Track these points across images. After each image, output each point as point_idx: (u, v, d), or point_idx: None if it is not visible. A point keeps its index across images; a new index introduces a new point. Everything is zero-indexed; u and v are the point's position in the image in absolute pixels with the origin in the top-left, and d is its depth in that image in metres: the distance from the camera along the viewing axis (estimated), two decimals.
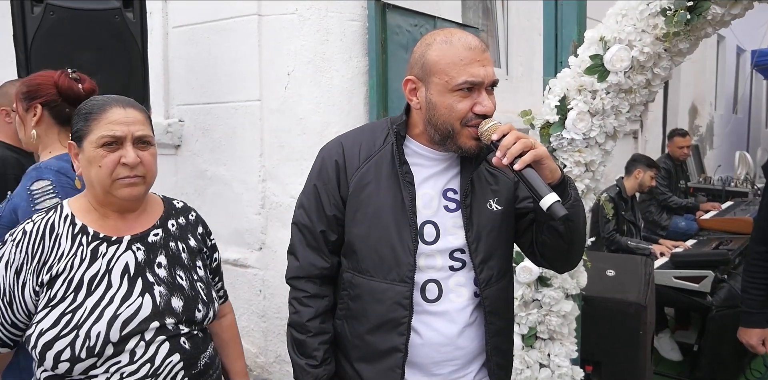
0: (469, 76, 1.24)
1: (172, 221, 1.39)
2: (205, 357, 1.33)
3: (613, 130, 1.99)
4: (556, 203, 1.14)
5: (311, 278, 1.41)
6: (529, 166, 1.17)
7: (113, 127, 1.23)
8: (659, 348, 3.81)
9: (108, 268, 1.25)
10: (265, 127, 3.04)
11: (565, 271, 1.52)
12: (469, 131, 1.27)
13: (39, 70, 2.51)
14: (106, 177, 1.23)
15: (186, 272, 1.34)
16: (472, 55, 1.25)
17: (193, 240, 1.40)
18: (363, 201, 1.34)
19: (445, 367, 1.36)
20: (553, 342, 2.14)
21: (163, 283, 1.29)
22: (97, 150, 1.23)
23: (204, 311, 1.32)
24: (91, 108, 1.27)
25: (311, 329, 1.39)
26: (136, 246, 1.29)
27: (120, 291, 1.24)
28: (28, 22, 2.47)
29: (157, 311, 1.25)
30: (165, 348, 1.24)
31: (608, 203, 2.30)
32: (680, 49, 1.85)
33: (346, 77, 2.92)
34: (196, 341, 1.30)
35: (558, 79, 2.02)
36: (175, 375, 1.25)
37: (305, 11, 2.88)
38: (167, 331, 1.25)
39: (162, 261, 1.31)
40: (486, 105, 1.25)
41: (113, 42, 2.61)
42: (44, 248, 1.23)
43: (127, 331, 1.20)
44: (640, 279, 2.72)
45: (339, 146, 1.41)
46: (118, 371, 1.19)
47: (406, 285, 1.31)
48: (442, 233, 1.34)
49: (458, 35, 1.28)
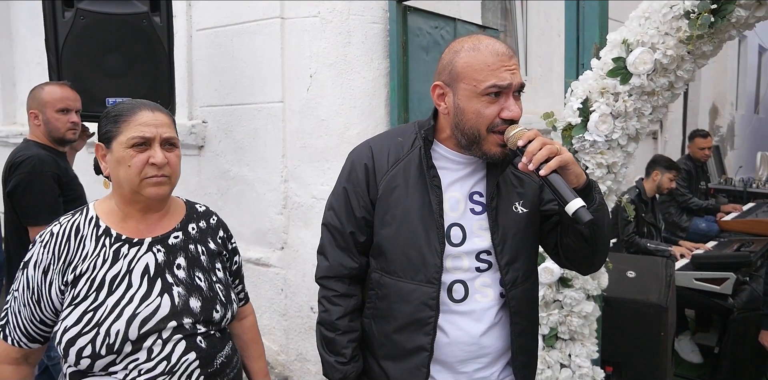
0: (497, 80, 1.26)
1: (193, 224, 1.43)
2: (222, 357, 1.35)
3: (635, 132, 2.00)
4: (582, 208, 1.16)
5: (340, 278, 1.45)
6: (555, 171, 1.19)
7: (143, 129, 1.28)
8: (679, 350, 3.79)
9: (129, 269, 1.29)
10: (288, 129, 3.08)
11: (588, 273, 1.54)
12: (495, 138, 1.29)
13: (69, 72, 2.59)
14: (134, 176, 1.28)
15: (205, 274, 1.37)
16: (500, 60, 1.27)
17: (213, 244, 1.44)
18: (391, 203, 1.38)
19: (471, 365, 1.38)
20: (574, 343, 2.15)
21: (182, 284, 1.32)
22: (126, 150, 1.27)
23: (222, 312, 1.35)
24: (121, 110, 1.31)
25: (340, 327, 1.43)
26: (156, 248, 1.33)
27: (140, 291, 1.28)
28: (60, 26, 2.54)
29: (175, 311, 1.28)
30: (181, 346, 1.27)
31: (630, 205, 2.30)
32: (704, 52, 1.86)
33: (368, 79, 2.96)
34: (213, 340, 1.33)
35: (580, 82, 2.03)
36: (191, 373, 1.28)
37: (327, 14, 2.92)
38: (184, 330, 1.28)
39: (181, 263, 1.35)
40: (513, 110, 1.27)
41: (140, 45, 2.67)
42: (69, 249, 1.28)
43: (145, 330, 1.24)
44: (660, 280, 2.72)
45: (368, 150, 1.44)
46: (136, 368, 1.23)
47: (433, 286, 1.34)
48: (468, 235, 1.37)
49: (486, 42, 1.30)
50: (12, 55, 5.74)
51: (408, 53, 3.02)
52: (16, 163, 2.29)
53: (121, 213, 1.34)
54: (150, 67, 2.72)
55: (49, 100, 2.38)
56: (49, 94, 2.38)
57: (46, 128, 2.39)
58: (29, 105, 2.42)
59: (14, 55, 5.73)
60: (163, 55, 2.73)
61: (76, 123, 2.43)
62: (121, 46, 2.64)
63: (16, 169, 2.28)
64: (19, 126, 5.65)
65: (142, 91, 2.70)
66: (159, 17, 2.68)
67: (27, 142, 2.41)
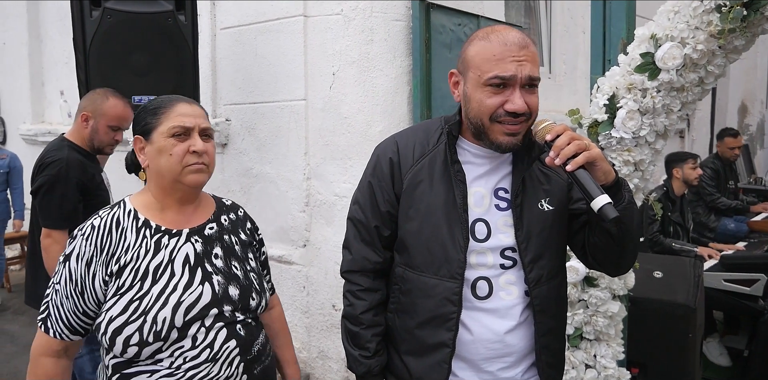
0: (500, 71, 1.23)
1: (224, 216, 1.47)
2: (258, 344, 1.39)
3: (663, 128, 1.96)
4: (608, 205, 1.14)
5: (365, 272, 1.45)
6: (582, 167, 1.17)
7: (183, 119, 1.33)
8: (707, 352, 3.71)
9: (171, 258, 1.33)
10: (310, 126, 3.09)
11: (616, 275, 1.50)
12: (500, 127, 1.27)
13: (97, 70, 2.63)
14: (176, 164, 1.32)
15: (240, 263, 1.42)
16: (507, 51, 1.24)
17: (244, 234, 1.49)
18: (416, 198, 1.37)
19: (495, 364, 1.36)
20: (600, 343, 2.12)
21: (221, 273, 1.36)
22: (168, 139, 1.32)
23: (257, 299, 1.40)
24: (160, 103, 1.37)
25: (364, 321, 1.43)
26: (194, 238, 1.37)
27: (182, 279, 1.31)
28: (87, 25, 2.57)
29: (216, 298, 1.32)
30: (223, 334, 1.31)
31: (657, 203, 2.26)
32: (735, 47, 1.81)
33: (390, 77, 2.95)
34: (250, 328, 1.37)
35: (607, 78, 1.99)
36: (232, 360, 1.31)
37: (350, 12, 2.91)
38: (225, 318, 1.32)
39: (218, 253, 1.39)
40: (517, 103, 1.24)
41: (166, 44, 2.70)
42: (111, 241, 1.31)
43: (189, 317, 1.28)
44: (688, 280, 2.67)
45: (394, 144, 1.43)
46: (182, 355, 1.26)
47: (456, 281, 1.33)
48: (493, 231, 1.35)
49: (499, 32, 1.28)
50: (41, 56, 5.86)
51: (431, 51, 3.00)
52: (45, 162, 2.32)
53: (159, 205, 1.38)
54: (175, 66, 2.75)
55: (108, 113, 2.40)
56: (112, 107, 2.41)
57: (90, 135, 2.42)
58: (85, 106, 2.42)
59: (43, 55, 5.85)
60: (187, 54, 2.76)
61: (119, 141, 2.49)
62: (146, 44, 2.67)
63: (44, 169, 2.31)
64: (47, 124, 5.77)
65: (168, 89, 2.73)
66: (184, 16, 2.70)
67: (62, 141, 2.42)
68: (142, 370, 1.26)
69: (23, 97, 5.92)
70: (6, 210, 4.99)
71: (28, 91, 5.87)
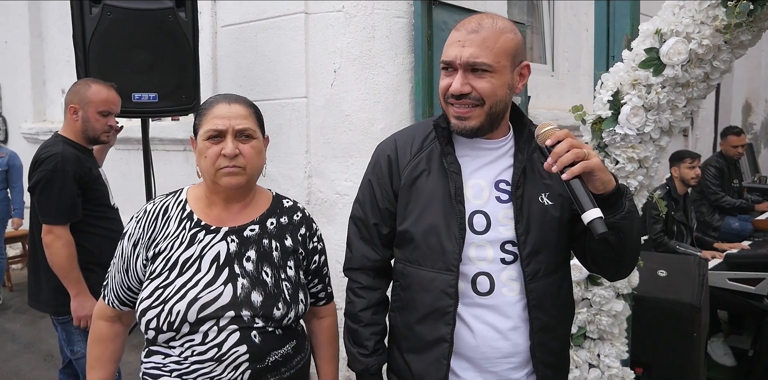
0: (444, 56, 1.28)
1: (273, 219, 1.43)
2: (277, 355, 1.34)
3: (668, 125, 1.93)
4: (597, 219, 1.12)
5: (364, 270, 1.45)
6: (579, 177, 1.15)
7: (216, 122, 1.33)
8: (712, 352, 3.68)
9: (201, 254, 1.34)
10: (311, 124, 3.07)
11: (615, 280, 1.49)
12: (451, 110, 1.30)
13: (96, 68, 2.61)
14: (210, 166, 1.34)
15: (273, 270, 1.38)
16: (457, 35, 1.27)
17: (290, 240, 1.43)
18: (413, 192, 1.36)
19: (499, 365, 1.34)
20: (603, 343, 2.09)
21: (248, 277, 1.34)
22: (204, 142, 1.34)
23: (284, 310, 1.34)
24: (205, 105, 1.40)
25: (363, 319, 1.43)
26: (231, 237, 1.37)
27: (206, 276, 1.32)
28: (87, 22, 2.56)
29: (236, 302, 1.31)
30: (234, 337, 1.29)
31: (662, 201, 2.23)
32: (742, 41, 1.78)
33: (392, 74, 2.93)
34: (269, 337, 1.33)
35: (611, 74, 1.97)
36: (239, 365, 1.29)
37: (351, 8, 2.89)
38: (242, 322, 1.30)
39: (252, 256, 1.37)
40: (453, 85, 1.26)
41: (166, 41, 2.68)
42: (156, 227, 1.38)
43: (203, 314, 1.28)
44: (693, 279, 2.64)
45: (393, 142, 1.44)
46: (191, 348, 1.29)
47: (452, 273, 1.31)
48: (493, 224, 1.33)
49: (468, 19, 1.29)
50: (42, 54, 5.86)
51: (433, 48, 2.98)
52: (41, 158, 2.30)
53: (207, 201, 1.41)
54: (175, 63, 2.74)
55: (94, 100, 2.37)
56: (96, 93, 2.37)
57: (82, 126, 2.39)
58: (70, 99, 2.39)
59: (45, 53, 5.85)
60: (188, 51, 2.74)
61: (112, 126, 2.44)
62: (146, 41, 2.66)
63: (40, 165, 2.29)
64: (48, 123, 5.77)
65: (168, 86, 2.71)
66: (184, 13, 2.68)
67: (56, 137, 2.40)
68: (160, 351, 1.32)
69: (25, 95, 5.92)
70: (6, 209, 4.99)
71: (29, 89, 5.87)
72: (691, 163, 4.09)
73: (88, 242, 2.35)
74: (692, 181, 4.11)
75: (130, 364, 3.19)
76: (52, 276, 2.34)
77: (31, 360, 3.86)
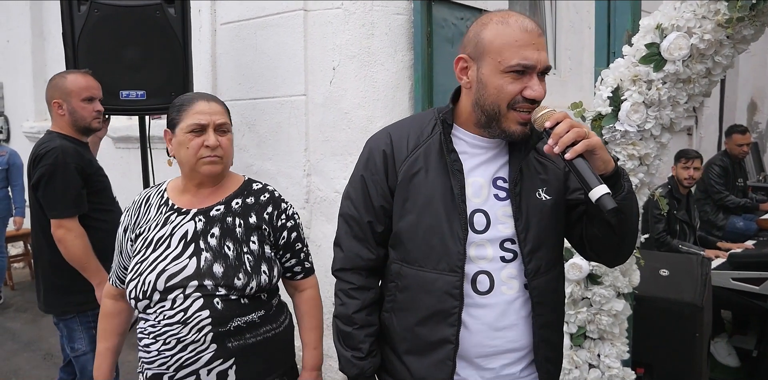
0: (522, 58, 1.21)
1: (239, 200, 1.60)
2: (241, 321, 1.48)
3: (669, 121, 1.90)
4: (606, 195, 1.11)
5: (357, 270, 1.40)
6: (581, 156, 1.14)
7: (199, 117, 1.51)
8: (715, 353, 3.65)
9: (171, 233, 1.53)
10: (310, 122, 3.05)
11: (615, 265, 1.47)
12: (516, 115, 1.25)
13: (85, 65, 2.58)
14: (192, 156, 1.52)
15: (236, 244, 1.53)
16: (528, 37, 1.22)
17: (255, 218, 1.58)
18: (411, 190, 1.32)
19: (497, 361, 1.32)
20: (603, 343, 2.07)
21: (211, 251, 1.51)
22: (186, 135, 1.51)
23: (245, 280, 1.49)
24: (183, 101, 1.56)
25: (357, 321, 1.38)
26: (198, 217, 1.55)
27: (174, 251, 1.51)
28: (76, 20, 2.55)
29: (199, 272, 1.47)
30: (198, 303, 1.45)
31: (663, 199, 2.20)
32: (744, 36, 1.75)
33: (391, 71, 2.90)
34: (231, 304, 1.47)
35: (611, 70, 1.94)
36: (202, 328, 1.44)
37: (350, 5, 2.87)
38: (205, 290, 1.46)
39: (215, 232, 1.53)
40: (536, 89, 1.23)
41: (155, 37, 2.64)
42: (140, 213, 1.61)
43: (170, 284, 1.46)
44: (695, 279, 2.61)
45: (387, 136, 1.39)
46: (162, 313, 1.46)
47: (456, 274, 1.28)
48: (492, 222, 1.31)
49: (515, 17, 1.25)
50: (44, 53, 5.87)
51: (433, 45, 2.95)
52: (39, 155, 2.27)
53: (182, 188, 1.60)
54: (165, 59, 2.68)
55: (74, 89, 2.35)
56: (74, 82, 2.35)
57: (71, 118, 2.36)
58: (51, 95, 2.38)
59: (46, 53, 5.86)
60: (177, 47, 2.68)
61: (100, 111, 2.41)
62: (135, 38, 2.61)
63: (39, 161, 2.26)
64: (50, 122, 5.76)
65: (158, 83, 2.67)
66: (173, 9, 2.64)
67: (50, 134, 2.38)
68: (143, 318, 1.50)
69: (26, 94, 5.93)
70: (7, 207, 4.99)
71: (31, 88, 5.88)
72: (685, 163, 4.05)
73: (92, 236, 2.32)
74: (685, 181, 4.08)
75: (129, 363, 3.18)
76: (52, 277, 2.32)
77: (31, 359, 3.86)
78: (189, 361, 1.44)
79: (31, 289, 5.33)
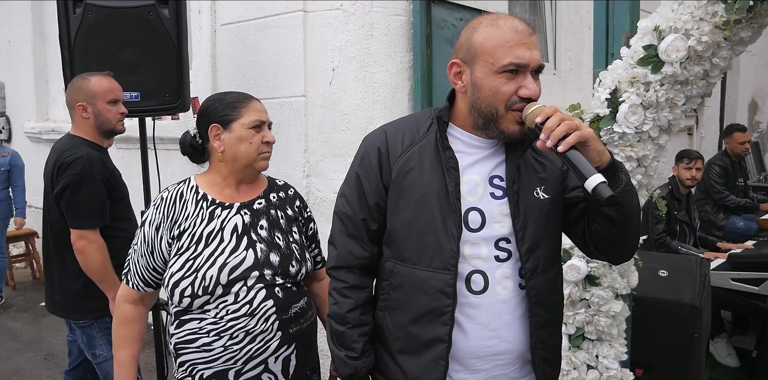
0: (514, 57, 1.21)
1: (274, 194, 1.68)
2: (296, 308, 1.56)
3: (667, 123, 1.91)
4: (602, 184, 1.09)
5: (351, 268, 1.39)
6: (575, 148, 1.13)
7: (260, 114, 1.59)
8: (715, 353, 3.65)
9: (221, 227, 1.55)
10: (310, 123, 3.06)
11: (620, 262, 1.46)
12: (513, 115, 1.25)
13: (81, 67, 2.57)
14: (254, 152, 1.57)
15: (283, 234, 1.61)
16: (518, 37, 1.22)
17: (291, 210, 1.68)
18: (406, 188, 1.32)
19: (490, 362, 1.32)
20: (602, 344, 2.07)
21: (264, 242, 1.56)
22: (248, 130, 1.56)
23: (297, 267, 1.57)
24: (237, 98, 1.61)
25: (351, 320, 1.37)
26: (243, 211, 1.59)
27: (230, 245, 1.53)
28: (71, 22, 2.55)
29: (258, 263, 1.52)
30: (262, 293, 1.50)
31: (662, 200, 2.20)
32: (741, 38, 1.76)
33: (391, 72, 2.91)
34: (288, 292, 1.55)
35: (609, 71, 1.94)
36: (268, 317, 1.50)
37: (350, 7, 2.88)
38: (265, 280, 1.51)
39: (264, 224, 1.59)
40: (531, 88, 1.23)
41: (149, 39, 2.62)
42: (175, 210, 1.57)
43: (233, 277, 1.49)
44: (694, 280, 2.61)
45: (382, 134, 1.39)
46: (225, 308, 1.48)
47: (450, 273, 1.28)
48: (488, 220, 1.30)
49: (504, 19, 1.26)
50: (45, 54, 5.87)
51: (432, 46, 2.96)
52: (66, 163, 2.22)
53: (221, 184, 1.61)
54: (159, 61, 2.66)
55: (100, 92, 2.31)
56: (98, 85, 2.32)
57: (96, 121, 2.33)
58: (75, 97, 2.33)
59: (47, 53, 5.86)
60: (172, 48, 2.65)
61: (124, 113, 2.39)
62: (129, 39, 2.60)
63: (65, 169, 2.21)
64: (51, 122, 5.78)
65: (152, 84, 2.65)
66: (168, 10, 2.61)
67: (72, 139, 2.33)
68: (194, 318, 1.49)
69: (28, 94, 5.94)
70: (8, 208, 4.99)
71: (32, 88, 5.88)
72: (687, 164, 4.05)
73: (111, 244, 2.28)
74: (687, 181, 4.09)
75: None
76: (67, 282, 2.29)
77: (32, 359, 3.87)
78: (258, 352, 1.49)
79: (32, 289, 5.35)
